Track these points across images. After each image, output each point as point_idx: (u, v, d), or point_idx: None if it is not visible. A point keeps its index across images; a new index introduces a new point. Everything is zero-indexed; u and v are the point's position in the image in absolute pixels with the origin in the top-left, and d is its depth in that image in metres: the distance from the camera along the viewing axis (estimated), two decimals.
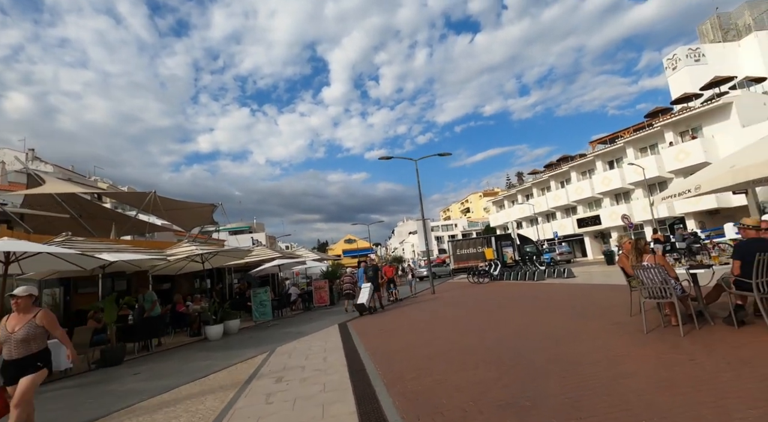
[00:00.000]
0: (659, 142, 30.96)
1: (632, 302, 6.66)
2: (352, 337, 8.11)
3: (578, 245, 40.53)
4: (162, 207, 14.67)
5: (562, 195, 40.81)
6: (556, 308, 8.38)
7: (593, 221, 36.01)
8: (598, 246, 38.20)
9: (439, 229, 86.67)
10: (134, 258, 9.62)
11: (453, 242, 30.34)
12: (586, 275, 17.46)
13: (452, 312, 10.09)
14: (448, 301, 13.12)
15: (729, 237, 17.79)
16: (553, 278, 17.77)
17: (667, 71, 39.93)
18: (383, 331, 8.60)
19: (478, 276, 20.50)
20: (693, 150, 26.91)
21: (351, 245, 63.55)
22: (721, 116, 26.59)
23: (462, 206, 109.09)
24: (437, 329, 7.90)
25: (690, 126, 28.67)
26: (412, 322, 9.36)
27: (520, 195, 49.85)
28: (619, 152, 34.73)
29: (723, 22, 41.07)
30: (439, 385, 4.17)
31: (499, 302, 11.07)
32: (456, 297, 14.23)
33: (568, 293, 11.22)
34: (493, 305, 10.35)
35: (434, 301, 13.48)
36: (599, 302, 8.38)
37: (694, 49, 38.29)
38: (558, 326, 6.54)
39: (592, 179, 36.44)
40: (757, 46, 36.64)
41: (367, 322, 10.40)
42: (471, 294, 14.62)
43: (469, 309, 10.26)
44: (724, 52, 37.86)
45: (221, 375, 6.12)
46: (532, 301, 10.29)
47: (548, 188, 44.54)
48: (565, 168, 40.72)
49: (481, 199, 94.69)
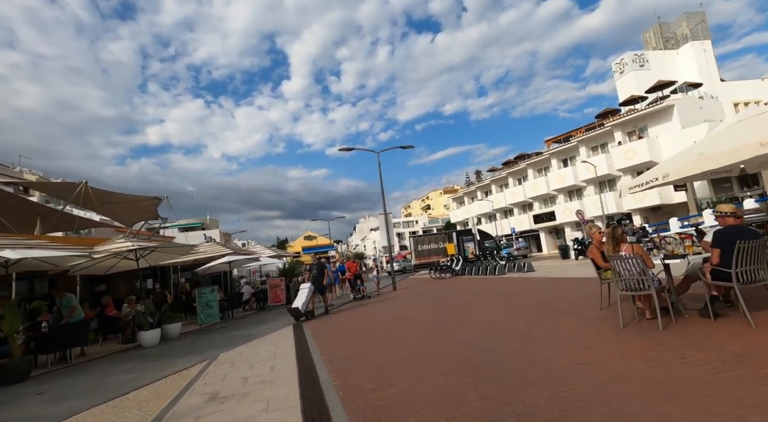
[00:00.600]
0: (609, 141, 32.46)
1: (602, 296, 6.37)
2: (307, 340, 7.30)
3: (534, 240, 41.85)
4: (96, 200, 12.92)
5: (519, 192, 41.92)
6: (524, 304, 8.05)
7: (548, 217, 37.24)
8: (552, 241, 39.63)
9: (400, 225, 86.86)
10: (47, 255, 8.17)
11: (414, 237, 30.10)
12: (544, 269, 17.64)
13: (416, 310, 9.53)
14: (411, 298, 12.59)
15: (674, 231, 18.71)
16: (514, 272, 17.83)
17: (615, 75, 42.01)
18: (341, 332, 7.85)
19: (440, 272, 20.25)
20: (640, 149, 28.39)
21: (311, 241, 61.95)
22: (664, 118, 28.24)
23: (423, 203, 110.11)
24: (401, 329, 7.28)
25: (637, 126, 30.24)
26: (374, 322, 8.68)
27: (479, 192, 50.78)
28: (572, 151, 36.10)
29: (664, 31, 43.88)
30: (404, 398, 3.51)
31: (463, 298, 10.66)
32: (419, 294, 13.74)
33: (532, 287, 11.03)
34: (458, 302, 9.91)
35: (396, 298, 12.91)
36: (565, 296, 8.15)
37: (640, 54, 40.56)
38: (530, 323, 6.12)
39: (548, 176, 37.67)
40: (693, 55, 39.41)
41: (323, 323, 9.59)
42: (434, 290, 14.20)
43: (433, 307, 9.74)
44: (665, 59, 40.41)
45: (144, 392, 5.10)
46: (498, 296, 9.96)
47: (506, 185, 45.65)
48: (523, 166, 41.85)
49: (441, 196, 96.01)
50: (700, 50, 39.87)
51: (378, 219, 17.66)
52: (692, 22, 42.06)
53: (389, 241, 17.23)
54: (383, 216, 17.62)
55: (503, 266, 17.86)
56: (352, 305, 12.60)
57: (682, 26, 42.53)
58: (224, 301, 13.52)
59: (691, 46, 39.97)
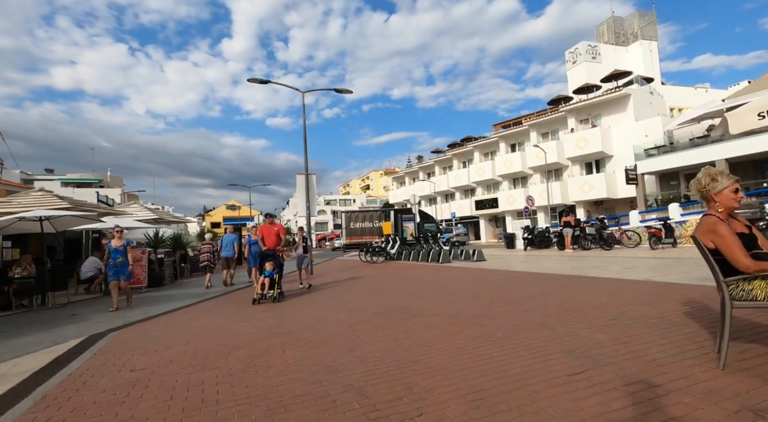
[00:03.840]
0: (561, 128, 30.93)
1: (726, 331, 2.90)
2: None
3: (473, 227, 40.15)
4: None
5: (463, 175, 39.71)
6: (520, 317, 4.50)
7: (491, 204, 35.40)
8: (492, 229, 38.15)
9: (336, 203, 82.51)
10: None
11: (346, 213, 26.13)
12: (496, 259, 14.68)
13: (332, 319, 5.60)
14: (332, 289, 8.65)
15: (634, 225, 16.87)
16: (460, 260, 14.69)
17: (567, 64, 40.88)
18: (146, 370, 3.64)
19: (372, 254, 16.57)
20: (592, 138, 26.97)
21: (233, 211, 54.86)
22: (620, 108, 27.01)
23: (363, 182, 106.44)
24: (294, 365, 3.28)
25: (591, 115, 28.87)
26: (246, 338, 4.60)
27: (421, 172, 48.07)
28: (522, 135, 34.30)
29: (617, 27, 43.66)
30: None
31: (407, 300, 6.94)
32: (342, 284, 9.83)
33: (504, 285, 7.63)
34: (399, 307, 6.15)
35: (299, 300, 8.86)
36: (572, 305, 4.80)
37: (593, 46, 39.69)
38: (567, 369, 2.45)
39: (495, 160, 35.68)
40: (641, 53, 39.38)
41: (148, 334, 5.26)
42: (364, 281, 10.38)
43: (362, 315, 5.87)
44: (616, 54, 40.01)
45: None
46: (459, 297, 6.38)
47: (450, 168, 43.31)
48: (470, 147, 39.59)
49: (382, 177, 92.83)
50: (647, 50, 40.06)
51: (298, 180, 13.36)
52: (643, 22, 42.17)
53: (309, 206, 13.04)
54: (304, 177, 13.31)
55: (448, 253, 14.62)
56: (219, 303, 8.30)
57: (634, 24, 42.53)
58: (24, 279, 8.43)
59: (640, 45, 39.98)
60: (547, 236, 19.33)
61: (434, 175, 45.24)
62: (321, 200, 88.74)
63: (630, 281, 6.80)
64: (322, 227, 76.83)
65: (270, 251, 7.46)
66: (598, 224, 16.07)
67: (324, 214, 77.55)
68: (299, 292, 8.46)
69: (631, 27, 43.09)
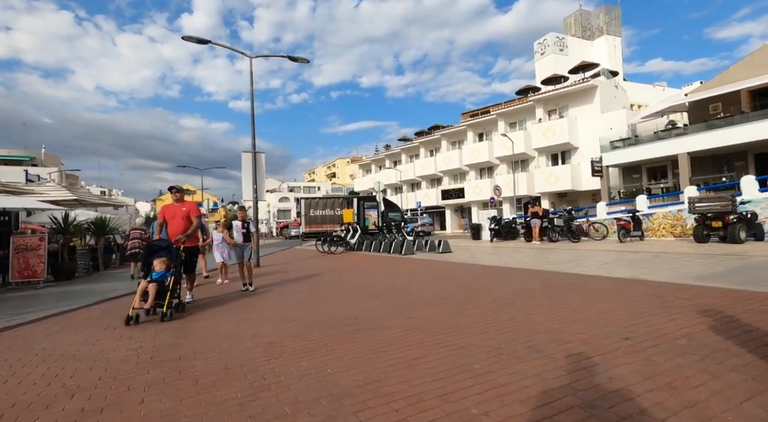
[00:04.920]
0: (529, 118, 30.56)
1: None
2: None
3: (438, 217, 39.53)
4: None
5: (430, 164, 38.81)
6: (500, 334, 3.31)
7: (457, 194, 34.76)
8: (457, 220, 37.66)
9: (300, 190, 79.95)
10: None
11: (306, 200, 24.45)
12: (463, 251, 13.73)
13: (248, 335, 4.19)
14: (271, 287, 7.19)
15: (601, 217, 16.48)
16: (425, 251, 13.62)
17: (536, 55, 40.71)
18: None
19: (330, 244, 15.17)
20: (559, 129, 26.69)
21: (187, 196, 51.21)
22: (587, 99, 26.84)
23: (328, 170, 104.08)
24: None
25: (559, 105, 28.60)
26: (99, 374, 3.11)
27: (388, 160, 46.83)
28: (490, 125, 33.72)
29: (584, 20, 43.97)
30: None
31: (358, 303, 5.66)
32: (285, 281, 8.39)
33: (474, 283, 6.52)
34: (345, 315, 4.85)
35: (239, 294, 7.36)
36: (564, 315, 3.70)
37: (561, 38, 39.70)
38: None
39: (462, 149, 34.95)
40: (606, 48, 39.84)
41: None
42: (314, 276, 9.00)
43: (293, 328, 4.51)
44: (582, 47, 40.25)
45: None
46: (422, 299, 5.15)
47: (417, 156, 42.32)
48: (437, 135, 38.66)
49: (348, 165, 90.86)
50: (612, 46, 40.61)
51: (243, 158, 11.63)
52: (609, 17, 42.68)
53: (256, 187, 11.40)
54: (250, 155, 11.61)
55: (412, 244, 13.49)
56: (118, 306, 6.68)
57: (600, 19, 42.97)
58: None
59: (605, 40, 40.44)
60: (514, 228, 18.71)
61: (401, 163, 44.09)
62: (284, 187, 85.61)
63: (618, 281, 5.86)
64: (284, 214, 74.13)
65: (164, 241, 5.11)
66: (566, 216, 15.52)
67: (287, 202, 74.82)
68: (223, 292, 6.95)
69: (597, 22, 43.57)
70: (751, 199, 11.67)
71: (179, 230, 5.32)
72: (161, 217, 5.57)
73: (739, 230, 10.55)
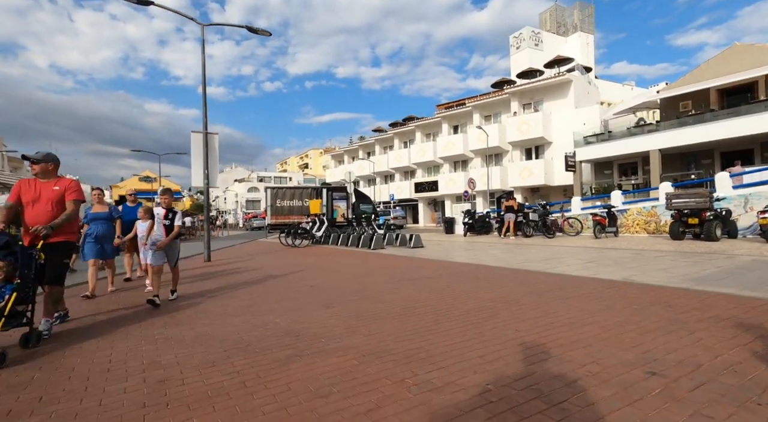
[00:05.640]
0: (504, 111, 30.19)
1: None
2: None
3: (411, 210, 38.88)
4: None
5: (404, 156, 37.98)
6: (488, 365, 2.43)
7: (431, 187, 34.14)
8: (430, 213, 37.13)
9: (271, 180, 77.41)
10: None
11: (272, 189, 23.06)
12: (436, 246, 12.97)
13: (120, 371, 3.10)
14: (205, 292, 6.08)
15: (576, 212, 16.15)
16: (395, 246, 12.76)
17: (511, 49, 40.52)
18: None
19: (294, 237, 14.04)
20: (534, 123, 26.43)
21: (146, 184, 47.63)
22: (561, 94, 26.68)
23: (301, 160, 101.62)
24: None
25: (534, 99, 28.35)
26: None
27: (361, 151, 45.63)
28: (465, 117, 33.18)
29: (558, 16, 44.14)
30: None
31: (305, 313, 4.68)
32: (228, 282, 7.27)
33: (450, 286, 5.67)
34: (283, 331, 3.85)
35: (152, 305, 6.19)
36: (561, 332, 2.88)
37: (536, 32, 39.65)
38: None
39: (437, 142, 34.29)
40: (579, 45, 40.15)
41: None
42: (265, 276, 7.90)
43: (206, 355, 3.45)
44: (556, 43, 40.37)
45: None
46: (387, 307, 4.23)
47: (391, 147, 41.37)
48: (411, 127, 37.83)
49: (321, 155, 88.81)
50: (585, 43, 40.98)
51: (193, 139, 10.27)
52: (583, 14, 43.01)
53: (207, 173, 10.12)
54: (201, 135, 10.28)
55: (381, 237, 12.58)
56: None
57: (574, 15, 43.24)
58: None
59: (579, 37, 40.73)
60: (488, 222, 18.18)
61: (374, 154, 43.02)
62: (254, 177, 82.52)
63: (609, 284, 5.17)
64: (254, 205, 71.47)
65: (3, 236, 3.22)
66: (541, 211, 15.06)
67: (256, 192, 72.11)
68: (138, 302, 5.78)
69: (571, 18, 43.85)
70: (726, 196, 11.48)
71: (43, 219, 3.53)
72: (13, 197, 3.64)
73: (716, 227, 10.28)
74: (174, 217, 5.18)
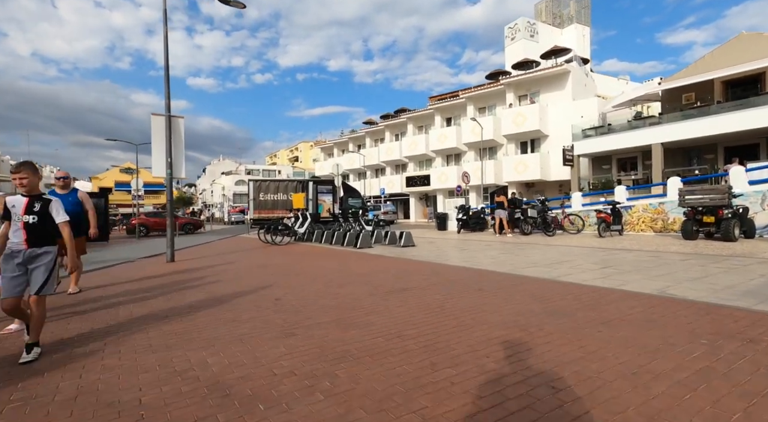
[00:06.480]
0: (499, 103, 29.19)
1: None
2: None
3: (402, 205, 37.86)
4: None
5: (395, 149, 36.84)
6: None
7: (422, 181, 33.11)
8: (422, 208, 36.13)
9: (260, 173, 75.69)
10: None
11: (255, 182, 21.77)
12: (428, 245, 11.93)
13: None
14: (146, 318, 4.93)
15: (576, 208, 15.23)
16: (384, 244, 11.70)
17: (506, 41, 39.47)
18: None
19: (274, 233, 12.89)
20: (530, 115, 25.48)
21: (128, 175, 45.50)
22: (558, 85, 25.75)
23: (291, 153, 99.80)
24: None
25: (530, 91, 27.39)
26: None
27: (351, 143, 44.39)
28: (459, 109, 32.11)
29: (554, 7, 43.13)
30: None
31: (259, 345, 3.57)
32: (187, 293, 6.12)
33: (447, 302, 4.62)
34: (243, 379, 2.71)
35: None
36: (617, 388, 1.86)
37: (532, 23, 38.67)
38: None
39: (429, 134, 33.21)
40: (575, 37, 39.28)
41: None
42: (225, 285, 6.77)
43: None
44: (552, 34, 39.46)
45: None
46: (364, 338, 3.16)
47: (382, 140, 40.19)
48: (403, 119, 36.66)
49: (312, 148, 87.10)
50: (581, 35, 40.10)
51: (153, 122, 9.00)
52: (579, 5, 42.06)
53: (170, 162, 8.89)
54: (163, 119, 9.02)
55: (369, 235, 11.49)
56: None
57: (570, 6, 42.27)
58: None
59: (575, 29, 39.82)
60: (483, 218, 17.21)
61: (365, 147, 41.80)
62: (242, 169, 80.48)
63: (645, 299, 4.15)
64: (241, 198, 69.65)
65: None
66: (540, 207, 14.10)
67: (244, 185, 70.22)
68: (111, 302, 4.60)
69: (567, 9, 42.88)
70: (742, 192, 10.62)
71: None
72: None
73: (734, 226, 9.40)
74: (45, 208, 2.97)
